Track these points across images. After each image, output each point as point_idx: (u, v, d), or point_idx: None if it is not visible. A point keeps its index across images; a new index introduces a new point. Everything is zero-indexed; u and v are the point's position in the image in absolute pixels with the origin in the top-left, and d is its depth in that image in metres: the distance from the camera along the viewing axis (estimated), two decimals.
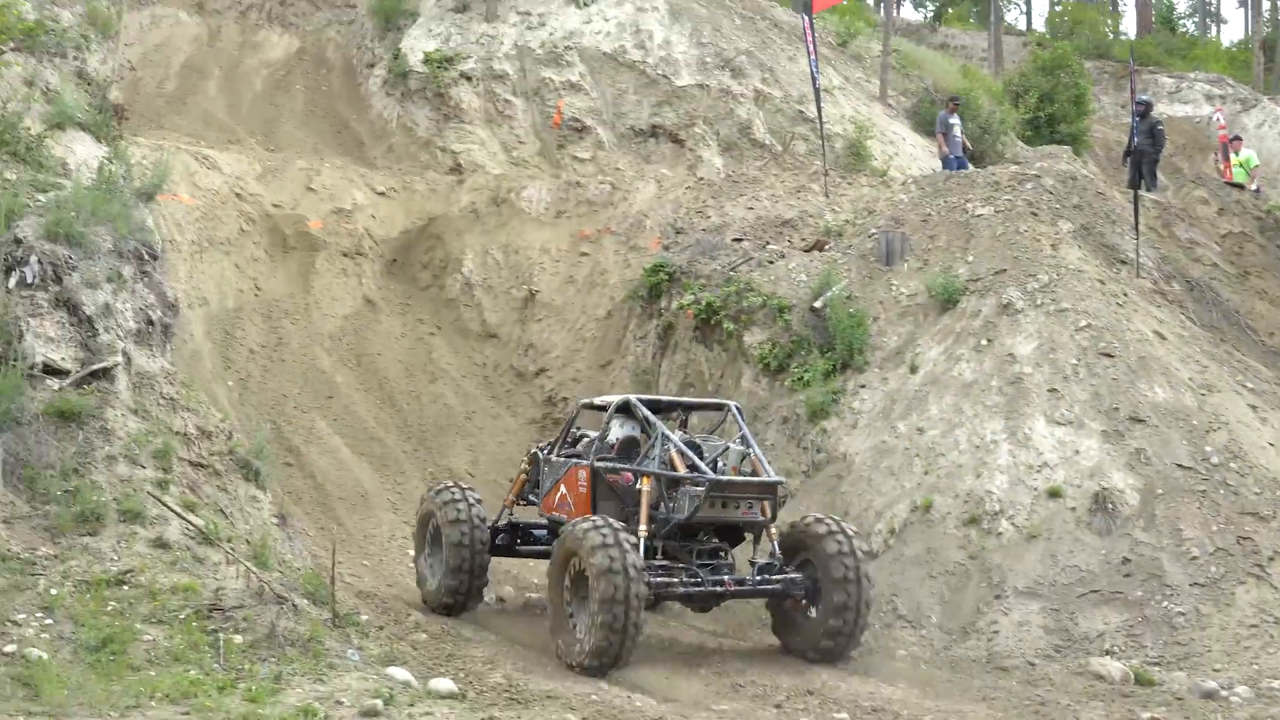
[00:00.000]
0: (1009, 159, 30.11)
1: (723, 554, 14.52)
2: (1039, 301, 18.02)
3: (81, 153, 18.80)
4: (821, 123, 25.57)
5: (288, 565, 14.10)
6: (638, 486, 14.19)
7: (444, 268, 25.00)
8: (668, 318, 21.62)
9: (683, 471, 13.96)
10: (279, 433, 20.05)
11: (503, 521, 16.37)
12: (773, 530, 14.51)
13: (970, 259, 19.28)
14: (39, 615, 11.47)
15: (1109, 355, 17.18)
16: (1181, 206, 24.20)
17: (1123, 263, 19.75)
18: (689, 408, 16.31)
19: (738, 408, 15.51)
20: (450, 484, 16.30)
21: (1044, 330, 17.64)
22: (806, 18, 25.37)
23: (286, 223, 24.37)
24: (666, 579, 13.81)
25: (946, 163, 27.05)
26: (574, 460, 15.38)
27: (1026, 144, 33.96)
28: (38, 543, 12.47)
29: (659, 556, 14.05)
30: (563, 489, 15.39)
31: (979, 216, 19.99)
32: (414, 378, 22.97)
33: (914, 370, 18.12)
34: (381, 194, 25.98)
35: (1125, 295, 18.64)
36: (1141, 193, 21.31)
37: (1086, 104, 38.01)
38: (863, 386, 18.42)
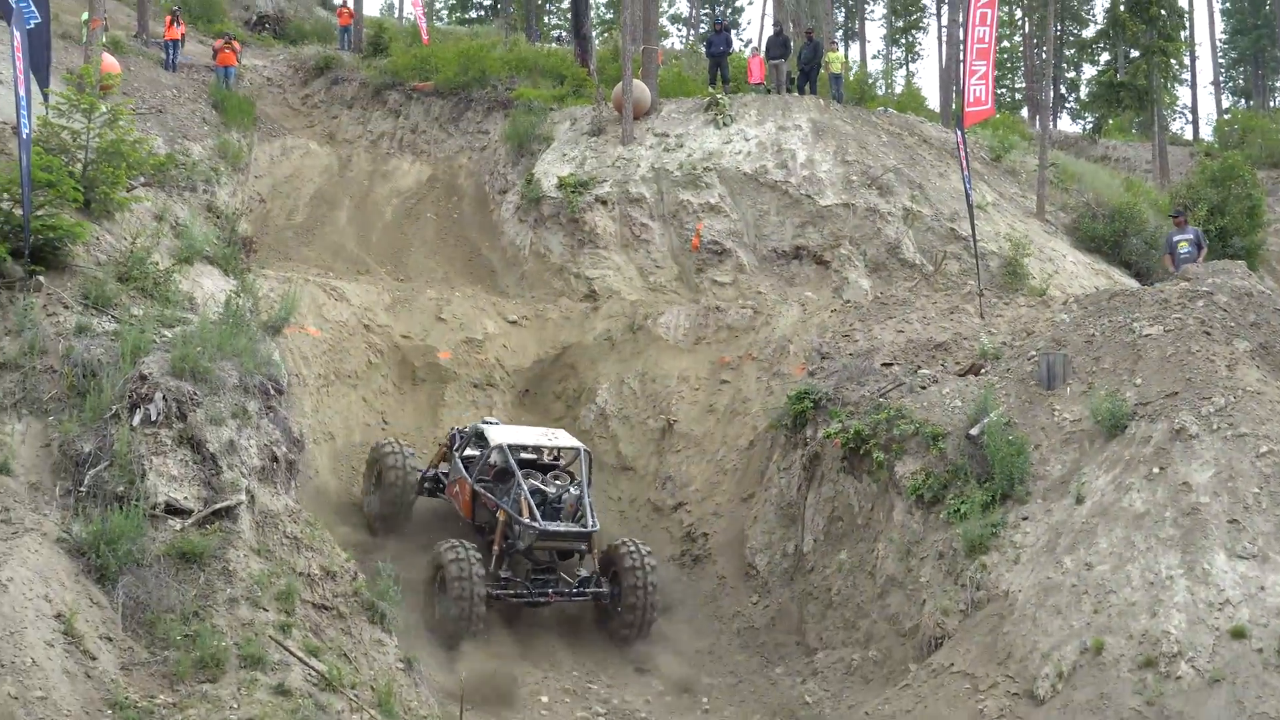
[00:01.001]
0: (1178, 275, 29.00)
1: (552, 570, 19.73)
2: (1215, 426, 17.17)
3: (209, 286, 19.18)
4: (975, 240, 25.20)
5: (414, 713, 14.09)
6: (498, 515, 19.45)
7: (578, 398, 24.96)
8: (814, 447, 21.04)
9: (526, 516, 19.06)
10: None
11: (430, 473, 21.39)
12: (595, 553, 19.71)
13: (1138, 381, 18.56)
14: None
15: None
16: None
17: None
18: (555, 449, 21.10)
19: (587, 453, 20.32)
20: (391, 440, 21.44)
21: (1221, 457, 16.76)
22: (959, 132, 25.33)
23: (416, 354, 24.60)
24: (504, 589, 19.02)
25: None
26: (462, 475, 20.44)
27: None
28: (156, 690, 12.47)
29: (505, 568, 19.32)
30: (456, 488, 20.70)
31: (1147, 336, 19.30)
32: None
33: (1080, 501, 17.35)
34: (513, 322, 26.13)
35: None
36: None
37: (1261, 215, 36.64)
38: (1024, 519, 17.71)
